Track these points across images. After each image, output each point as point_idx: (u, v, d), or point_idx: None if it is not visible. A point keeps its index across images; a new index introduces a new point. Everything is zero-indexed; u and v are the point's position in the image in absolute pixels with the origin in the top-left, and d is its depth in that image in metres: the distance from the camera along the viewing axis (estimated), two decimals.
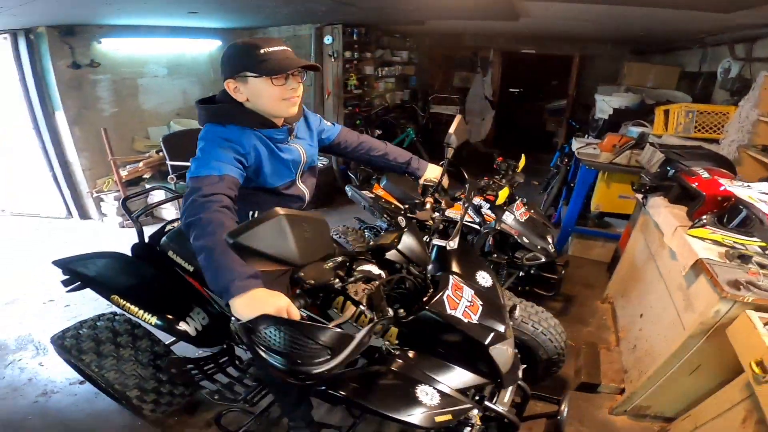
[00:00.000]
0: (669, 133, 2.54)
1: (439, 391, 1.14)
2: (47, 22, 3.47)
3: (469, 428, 1.20)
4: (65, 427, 1.96)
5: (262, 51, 1.16)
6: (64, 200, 4.10)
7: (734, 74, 2.96)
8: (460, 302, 1.24)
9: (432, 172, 1.66)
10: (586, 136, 3.87)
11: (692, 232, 1.73)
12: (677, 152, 2.16)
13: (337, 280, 1.01)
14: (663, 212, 2.07)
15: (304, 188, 1.46)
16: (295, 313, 0.92)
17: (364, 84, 5.33)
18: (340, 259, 1.05)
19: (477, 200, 2.56)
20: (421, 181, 1.67)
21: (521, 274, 2.58)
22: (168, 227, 1.94)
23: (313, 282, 0.92)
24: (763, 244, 1.57)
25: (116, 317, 1.84)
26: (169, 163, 3.85)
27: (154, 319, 1.59)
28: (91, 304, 2.82)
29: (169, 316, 1.62)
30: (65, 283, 1.74)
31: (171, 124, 4.48)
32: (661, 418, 1.86)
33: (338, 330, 0.86)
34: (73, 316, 2.70)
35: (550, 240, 2.54)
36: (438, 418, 1.07)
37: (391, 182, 2.98)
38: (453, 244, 1.49)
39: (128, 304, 1.61)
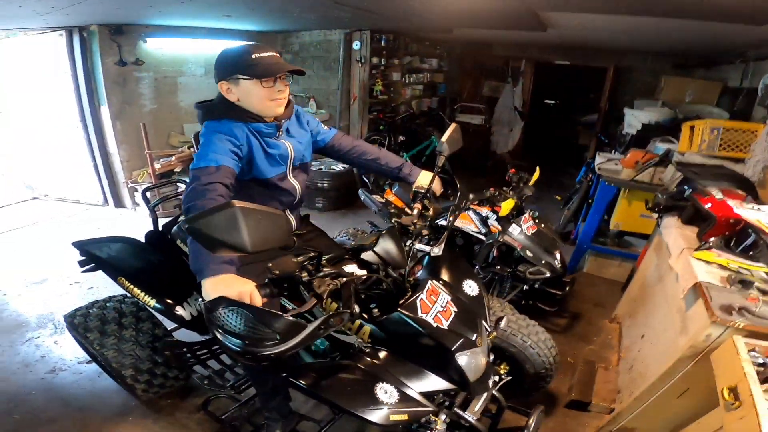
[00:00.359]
0: (692, 150, 2.42)
1: (399, 391, 1.15)
2: (99, 21, 3.76)
3: (424, 429, 1.21)
4: (64, 404, 2.06)
5: (253, 56, 1.28)
6: (102, 189, 4.41)
7: None
8: (433, 307, 1.26)
9: (424, 179, 1.68)
10: (613, 151, 3.74)
11: (697, 254, 1.66)
12: (695, 171, 2.07)
13: (304, 273, 1.06)
14: (674, 233, 1.99)
15: (296, 183, 1.54)
16: (257, 300, 0.99)
17: (390, 90, 5.40)
18: (311, 254, 1.11)
19: (484, 211, 2.55)
20: (414, 187, 1.69)
21: (525, 287, 2.53)
22: (181, 218, 2.07)
23: (278, 272, 0.98)
24: None
25: (125, 300, 1.97)
26: None
27: (153, 302, 1.70)
28: (112, 287, 3.02)
29: (168, 301, 1.72)
30: (81, 263, 1.88)
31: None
32: None
33: (291, 318, 0.90)
34: (93, 298, 2.86)
35: (557, 256, 2.48)
36: (393, 417, 1.09)
37: (401, 188, 3.03)
38: (437, 250, 1.51)
39: (132, 286, 1.73)
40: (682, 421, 1.51)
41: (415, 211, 1.53)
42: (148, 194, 2.18)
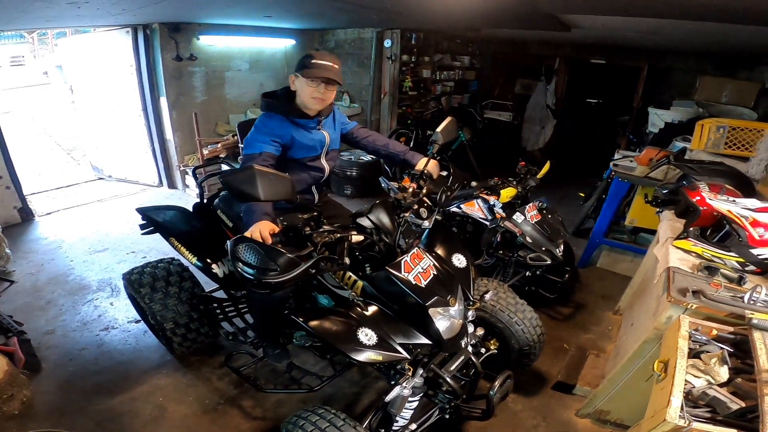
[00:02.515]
0: (699, 148, 2.46)
1: (378, 337, 1.37)
2: (159, 20, 4.22)
3: (399, 376, 1.45)
4: (110, 358, 2.39)
5: (313, 61, 1.66)
6: (158, 171, 4.95)
7: None
8: (415, 268, 1.49)
9: (423, 163, 1.92)
10: (638, 150, 3.75)
11: (676, 243, 1.78)
12: (694, 168, 2.15)
13: (307, 228, 1.35)
14: (665, 224, 2.10)
15: (325, 164, 1.94)
16: (266, 237, 1.34)
17: (419, 86, 5.59)
18: (314, 213, 1.40)
19: (492, 199, 2.73)
20: (415, 170, 1.93)
21: (528, 274, 2.69)
22: (222, 193, 2.42)
23: (285, 223, 1.28)
24: (740, 259, 1.59)
25: (173, 262, 2.33)
26: (240, 146, 4.48)
27: (195, 260, 2.05)
28: (159, 257, 3.47)
29: (207, 259, 2.07)
30: (141, 227, 2.26)
31: (248, 113, 5.16)
32: (621, 426, 1.89)
33: (290, 256, 1.19)
34: None
35: (560, 245, 2.62)
36: (370, 356, 1.31)
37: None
38: (428, 224, 1.74)
39: (180, 245, 2.10)
40: None
41: (410, 190, 1.77)
42: (197, 172, 2.55)
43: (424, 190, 1.79)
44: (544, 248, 2.53)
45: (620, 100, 6.83)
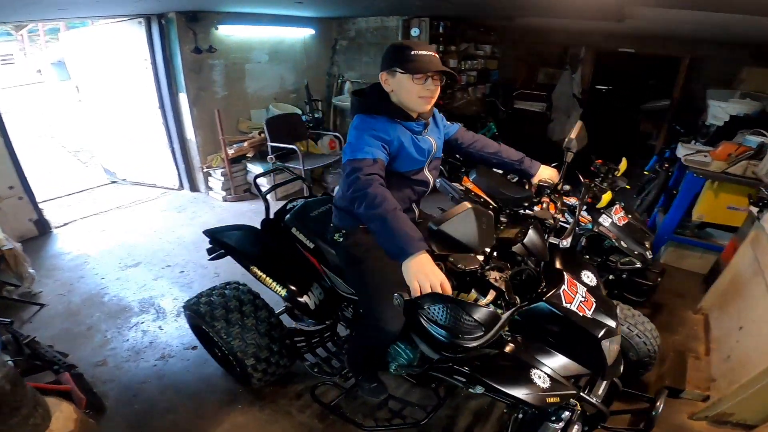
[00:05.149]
0: None
1: (549, 376, 1.25)
2: (176, 8, 3.87)
3: (569, 413, 1.30)
4: (176, 392, 2.16)
5: (412, 52, 1.35)
6: (179, 173, 4.65)
7: None
8: (575, 297, 1.33)
9: (546, 173, 1.73)
10: (693, 141, 3.63)
11: None
12: None
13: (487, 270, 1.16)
14: None
15: (429, 176, 1.61)
16: (448, 288, 1.05)
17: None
18: (486, 252, 1.20)
19: (572, 201, 2.57)
20: (535, 180, 1.74)
21: (611, 277, 2.56)
22: (289, 205, 2.17)
23: (463, 267, 1.07)
24: None
25: (240, 287, 2.06)
26: (269, 144, 4.22)
27: (283, 291, 1.81)
28: (200, 271, 3.19)
29: (293, 289, 1.83)
30: (210, 251, 2.01)
31: (270, 108, 4.87)
32: (742, 426, 1.85)
33: (491, 309, 0.99)
34: (187, 282, 3.07)
35: (647, 246, 2.49)
36: (549, 400, 1.20)
37: (480, 176, 3.08)
38: (566, 243, 1.57)
39: (264, 276, 1.84)
40: None
41: (544, 205, 1.59)
42: (257, 181, 2.30)
43: (559, 206, 1.61)
44: (636, 252, 2.40)
45: (645, 89, 6.73)
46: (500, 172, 2.91)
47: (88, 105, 4.79)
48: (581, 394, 1.37)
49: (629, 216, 2.59)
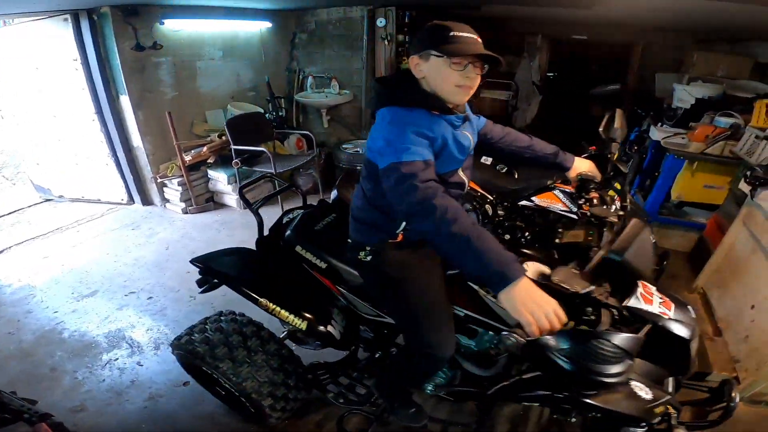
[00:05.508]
0: None
1: (648, 386, 1.14)
2: (110, 2, 3.40)
3: (666, 418, 1.21)
4: None
5: (451, 33, 1.14)
6: (127, 186, 4.12)
7: None
8: (653, 298, 1.22)
9: (583, 165, 1.62)
10: (659, 124, 3.77)
11: None
12: None
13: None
14: None
15: (464, 176, 1.41)
16: (563, 315, 0.90)
17: None
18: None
19: (570, 189, 2.52)
20: (572, 174, 1.62)
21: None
22: (285, 219, 1.91)
23: (579, 290, 0.91)
24: None
25: (238, 317, 1.79)
26: (233, 147, 3.84)
27: (303, 324, 1.56)
28: (171, 296, 2.83)
29: (312, 318, 1.60)
30: (200, 282, 1.71)
31: (228, 108, 4.45)
32: None
33: (631, 334, 0.85)
34: (158, 309, 2.71)
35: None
36: (656, 410, 1.12)
37: (477, 171, 2.93)
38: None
39: (278, 309, 1.57)
40: None
41: (595, 201, 1.47)
42: (244, 191, 1.99)
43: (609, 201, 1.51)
44: None
45: (595, 74, 7.00)
46: (488, 162, 2.80)
47: (8, 115, 4.11)
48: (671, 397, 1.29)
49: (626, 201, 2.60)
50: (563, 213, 2.51)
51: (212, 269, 1.67)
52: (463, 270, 0.99)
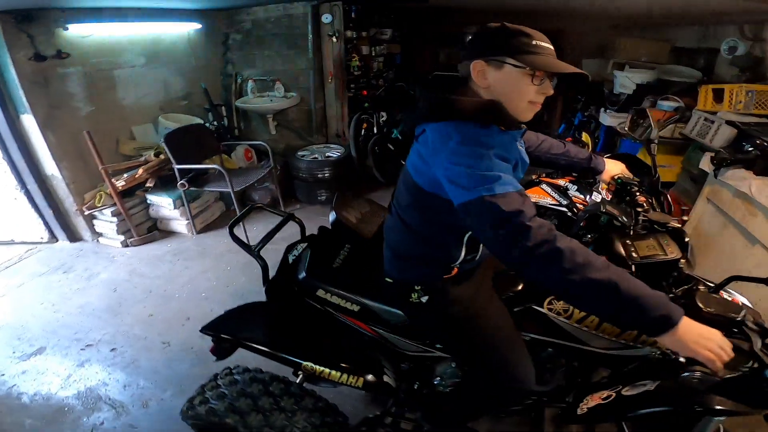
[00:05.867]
0: (725, 109, 2.71)
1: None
2: None
3: None
4: None
5: (534, 42, 0.99)
6: (45, 221, 3.42)
7: (742, 52, 3.16)
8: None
9: (616, 168, 1.57)
10: (604, 110, 4.00)
11: None
12: (756, 129, 2.28)
13: None
14: (755, 184, 2.19)
15: None
16: (729, 349, 0.84)
17: (364, 65, 5.03)
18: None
19: (562, 182, 2.54)
20: (605, 177, 1.57)
21: None
22: (290, 258, 1.64)
23: (734, 317, 0.95)
24: None
25: (257, 374, 1.50)
26: (176, 167, 3.35)
27: (360, 382, 1.35)
28: (138, 344, 2.44)
29: (369, 373, 1.41)
30: (216, 351, 1.42)
31: (160, 120, 3.89)
32: None
33: None
34: (129, 361, 2.30)
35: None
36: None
37: None
38: None
39: (327, 370, 1.35)
40: None
41: (645, 206, 1.44)
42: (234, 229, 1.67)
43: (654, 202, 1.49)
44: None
45: None
46: None
47: None
48: None
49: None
50: (552, 207, 2.53)
51: (234, 338, 1.38)
52: (605, 319, 0.87)
